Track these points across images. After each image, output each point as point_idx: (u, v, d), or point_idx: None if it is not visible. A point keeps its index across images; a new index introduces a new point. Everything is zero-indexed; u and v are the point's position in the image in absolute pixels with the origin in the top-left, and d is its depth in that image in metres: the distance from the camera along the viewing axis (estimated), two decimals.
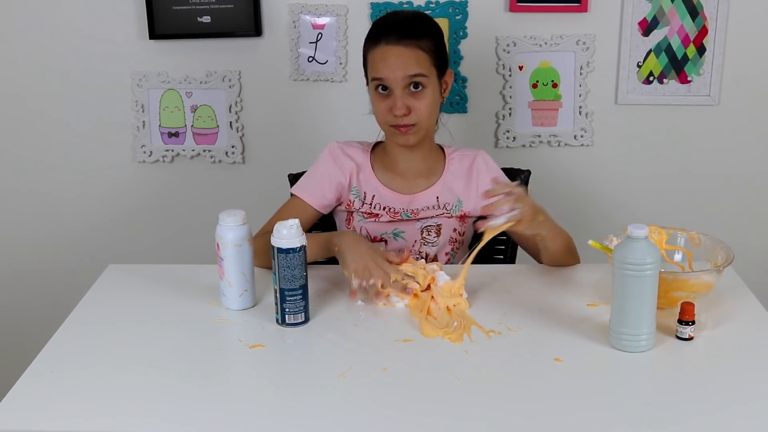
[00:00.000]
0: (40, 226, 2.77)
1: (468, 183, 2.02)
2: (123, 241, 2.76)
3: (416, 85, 1.88)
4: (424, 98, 1.89)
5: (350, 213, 2.03)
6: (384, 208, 2.00)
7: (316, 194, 2.00)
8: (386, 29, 1.90)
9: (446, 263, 2.02)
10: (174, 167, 2.69)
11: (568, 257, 1.91)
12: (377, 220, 2.01)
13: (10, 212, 2.76)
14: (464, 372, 1.45)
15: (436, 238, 2.01)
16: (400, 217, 1.99)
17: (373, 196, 2.01)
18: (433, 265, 1.78)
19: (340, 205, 2.04)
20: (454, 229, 2.02)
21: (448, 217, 2.01)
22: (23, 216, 2.76)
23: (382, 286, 1.71)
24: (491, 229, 1.68)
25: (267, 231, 1.91)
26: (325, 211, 2.03)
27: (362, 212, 2.01)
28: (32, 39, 2.59)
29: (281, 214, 1.96)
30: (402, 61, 1.87)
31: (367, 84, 1.98)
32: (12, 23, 2.58)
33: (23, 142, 2.69)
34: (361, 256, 1.75)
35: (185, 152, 2.66)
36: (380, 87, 1.90)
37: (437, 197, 2.00)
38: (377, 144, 2.08)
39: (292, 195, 2.03)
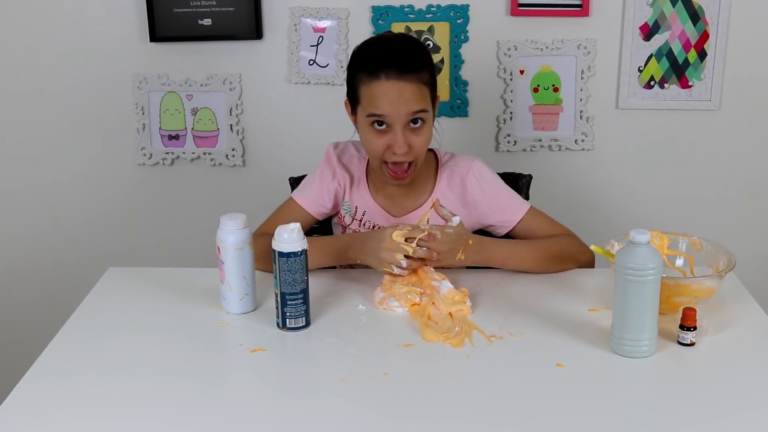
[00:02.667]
0: (40, 227, 2.76)
1: (462, 198, 1.95)
2: (123, 243, 2.76)
3: (415, 120, 1.80)
4: (423, 134, 1.82)
5: (344, 227, 2.02)
6: (373, 227, 1.98)
7: (313, 200, 1.98)
8: (385, 61, 1.78)
9: None
10: (174, 170, 2.69)
11: (549, 267, 1.88)
12: None
13: (11, 213, 2.75)
14: (466, 377, 1.45)
15: None
16: None
17: (364, 212, 1.98)
18: (435, 274, 1.77)
19: (336, 215, 2.03)
20: None
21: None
22: (23, 217, 2.76)
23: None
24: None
25: (264, 233, 1.90)
26: (321, 218, 2.01)
27: (353, 230, 2.00)
28: (33, 41, 2.59)
29: (278, 216, 1.95)
30: (406, 98, 1.77)
31: (352, 113, 1.90)
32: (13, 25, 2.58)
33: (24, 143, 2.68)
34: (376, 251, 1.76)
35: (185, 155, 2.66)
36: (377, 123, 1.81)
37: (428, 220, 1.92)
38: None
39: (290, 198, 2.02)
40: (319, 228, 2.08)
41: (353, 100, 1.87)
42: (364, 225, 1.99)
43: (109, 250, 2.75)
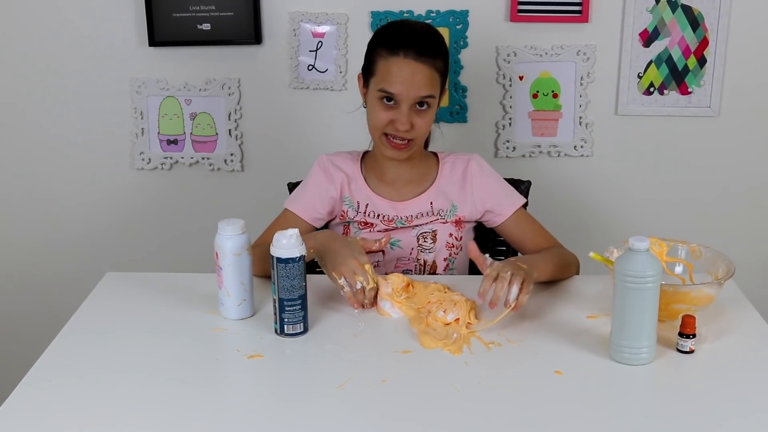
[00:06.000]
0: (38, 232, 2.76)
1: (462, 187, 2.01)
2: (121, 248, 2.75)
3: (422, 103, 1.88)
4: (426, 116, 1.90)
5: (346, 225, 2.03)
6: (378, 216, 2.00)
7: (308, 208, 2.00)
8: (406, 41, 1.86)
9: (445, 269, 2.02)
10: (172, 175, 2.69)
11: (562, 274, 1.90)
12: (372, 230, 2.00)
13: (9, 218, 2.75)
14: (464, 384, 1.44)
15: (432, 244, 2.00)
16: (394, 225, 1.99)
17: (367, 205, 2.01)
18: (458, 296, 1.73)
19: (333, 219, 2.04)
20: (450, 234, 2.01)
21: (443, 223, 2.01)
22: (22, 222, 2.75)
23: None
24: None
25: (261, 243, 1.91)
26: (318, 225, 2.02)
27: (357, 222, 2.01)
28: (32, 44, 2.58)
29: (274, 228, 1.95)
30: (417, 80, 1.85)
31: (364, 84, 1.96)
32: (11, 29, 2.57)
33: (22, 148, 2.68)
34: (340, 256, 1.72)
35: (184, 160, 2.65)
36: (386, 98, 1.88)
37: (431, 203, 2.00)
38: (366, 153, 2.08)
39: (285, 209, 2.03)
40: None
41: (368, 72, 1.94)
42: (368, 216, 2.00)
43: (107, 254, 2.75)
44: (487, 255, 1.74)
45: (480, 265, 1.73)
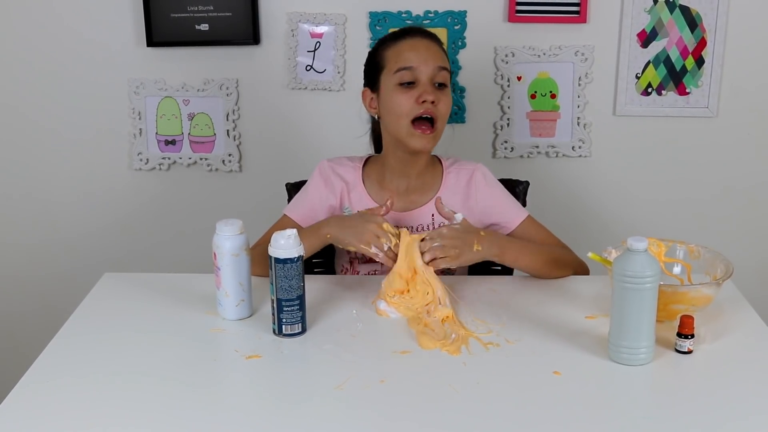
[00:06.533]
0: (36, 232, 2.75)
1: (466, 198, 1.99)
2: (119, 248, 2.75)
3: (440, 84, 1.89)
4: (446, 96, 1.90)
5: None
6: None
7: (307, 215, 1.99)
8: (408, 30, 1.94)
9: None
10: (170, 175, 2.68)
11: (551, 271, 1.89)
12: None
13: (6, 218, 2.75)
14: (462, 384, 1.44)
15: None
16: None
17: None
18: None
19: None
20: None
21: None
22: (19, 222, 2.75)
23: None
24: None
25: (259, 244, 1.90)
26: None
27: None
28: (30, 45, 2.58)
29: (273, 232, 1.94)
30: (432, 52, 1.89)
31: (373, 90, 1.95)
32: (9, 30, 2.57)
33: (20, 148, 2.68)
34: (358, 227, 1.77)
35: (182, 160, 2.65)
36: (405, 82, 1.87)
37: (432, 215, 1.97)
38: (368, 159, 2.05)
39: (284, 215, 2.01)
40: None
41: (376, 72, 1.94)
42: None
43: (105, 255, 2.75)
44: (459, 214, 1.79)
45: (447, 219, 1.79)
